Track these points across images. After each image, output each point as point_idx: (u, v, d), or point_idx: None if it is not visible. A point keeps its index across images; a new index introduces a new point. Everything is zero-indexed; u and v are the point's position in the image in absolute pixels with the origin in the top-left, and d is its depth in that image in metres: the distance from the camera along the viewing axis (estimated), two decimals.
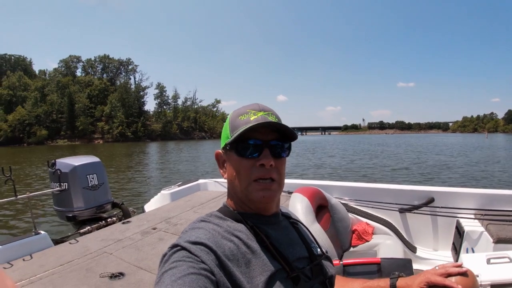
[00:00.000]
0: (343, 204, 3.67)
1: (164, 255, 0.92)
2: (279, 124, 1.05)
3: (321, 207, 3.26)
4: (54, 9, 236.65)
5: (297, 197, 2.98)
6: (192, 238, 0.93)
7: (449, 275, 1.11)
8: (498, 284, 2.00)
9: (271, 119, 1.07)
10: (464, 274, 1.10)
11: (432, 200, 3.59)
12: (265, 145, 1.04)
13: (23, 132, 79.40)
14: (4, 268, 2.65)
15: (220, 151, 1.13)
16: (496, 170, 18.37)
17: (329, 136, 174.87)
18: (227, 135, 1.08)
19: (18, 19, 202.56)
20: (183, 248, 0.90)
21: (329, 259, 1.20)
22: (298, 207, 2.85)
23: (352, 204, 3.87)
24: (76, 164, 4.27)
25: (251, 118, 1.05)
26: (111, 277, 2.46)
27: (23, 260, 2.87)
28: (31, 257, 2.92)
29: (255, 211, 1.09)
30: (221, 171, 1.15)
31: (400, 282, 1.19)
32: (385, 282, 1.22)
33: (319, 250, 1.18)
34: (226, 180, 1.13)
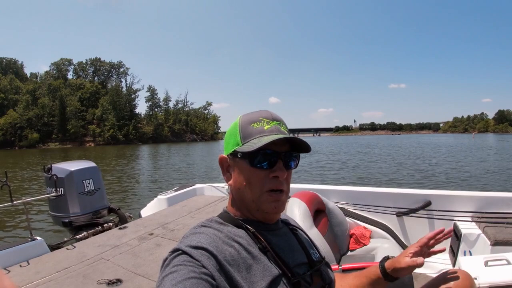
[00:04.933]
0: (341, 208, 3.67)
1: (165, 260, 0.93)
2: (300, 140, 1.06)
3: (319, 212, 3.26)
4: (45, 12, 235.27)
5: (294, 202, 2.98)
6: (193, 242, 0.94)
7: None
8: (496, 286, 2.01)
9: (283, 129, 1.08)
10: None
11: (429, 203, 3.60)
12: (279, 156, 1.04)
13: (14, 135, 78.58)
14: None
15: (226, 156, 1.11)
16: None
17: (319, 137, 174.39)
18: (237, 141, 1.06)
19: (10, 21, 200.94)
20: (184, 253, 0.91)
21: (328, 265, 1.21)
22: (296, 212, 2.85)
23: (349, 208, 3.88)
24: (72, 169, 4.25)
25: (265, 128, 1.05)
26: (108, 284, 2.45)
27: (20, 266, 2.86)
28: (28, 264, 2.91)
29: (259, 219, 1.09)
30: (225, 176, 1.13)
31: (389, 261, 1.26)
32: (376, 266, 1.27)
33: (318, 256, 1.19)
34: (222, 185, 1.13)
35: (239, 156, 1.05)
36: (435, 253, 1.25)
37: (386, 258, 1.26)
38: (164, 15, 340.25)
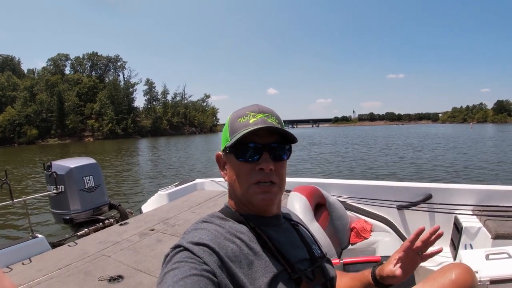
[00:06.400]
0: (341, 202, 3.68)
1: (166, 256, 0.93)
2: (276, 128, 1.04)
3: (320, 206, 3.27)
4: (41, 8, 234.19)
5: (295, 196, 2.98)
6: (195, 238, 0.94)
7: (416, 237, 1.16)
8: (497, 280, 2.02)
9: (271, 121, 1.07)
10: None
11: (429, 196, 3.61)
12: (265, 148, 1.04)
13: (13, 132, 78.43)
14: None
15: (221, 153, 1.13)
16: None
17: (318, 128, 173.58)
18: (226, 137, 1.08)
19: (6, 18, 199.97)
20: (186, 249, 0.91)
21: (329, 262, 1.21)
22: (297, 206, 2.85)
23: (350, 201, 3.89)
24: (72, 166, 4.25)
25: (250, 121, 1.05)
26: (110, 280, 2.45)
27: (22, 264, 2.86)
28: (30, 261, 2.90)
29: (256, 213, 1.09)
30: (222, 173, 1.15)
31: (379, 267, 1.22)
32: (369, 270, 1.25)
33: (319, 252, 1.19)
34: (223, 180, 1.13)
35: (227, 151, 1.07)
36: (431, 256, 1.18)
37: (380, 263, 1.24)
38: (161, 8, 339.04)
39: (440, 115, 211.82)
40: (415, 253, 1.16)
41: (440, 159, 19.13)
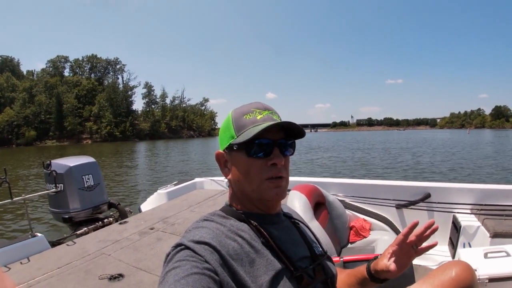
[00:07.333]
0: (340, 200, 3.68)
1: (167, 255, 0.93)
2: (293, 124, 1.05)
3: (319, 204, 3.27)
4: (41, 8, 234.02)
5: (295, 195, 2.98)
6: (196, 237, 0.94)
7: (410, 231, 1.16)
8: (496, 278, 2.03)
9: (275, 117, 1.08)
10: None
11: (428, 195, 3.61)
12: (275, 144, 1.04)
13: (11, 133, 78.41)
14: None
15: (222, 151, 1.11)
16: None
17: (316, 133, 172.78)
18: (231, 134, 1.07)
19: (5, 18, 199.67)
20: (187, 248, 0.91)
21: (330, 259, 1.21)
22: (296, 204, 2.85)
23: (349, 200, 3.88)
24: (72, 164, 4.25)
25: (258, 117, 1.05)
26: (110, 278, 2.45)
27: (21, 263, 2.85)
28: (29, 260, 2.90)
29: (260, 211, 1.09)
30: (223, 171, 1.13)
31: (374, 261, 1.22)
32: (364, 266, 1.25)
33: (320, 250, 1.19)
34: (222, 178, 1.13)
35: (235, 148, 1.05)
36: (426, 249, 1.17)
37: (375, 258, 1.24)
38: (160, 10, 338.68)
39: (438, 120, 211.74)
40: (409, 247, 1.16)
41: (438, 165, 19.15)
